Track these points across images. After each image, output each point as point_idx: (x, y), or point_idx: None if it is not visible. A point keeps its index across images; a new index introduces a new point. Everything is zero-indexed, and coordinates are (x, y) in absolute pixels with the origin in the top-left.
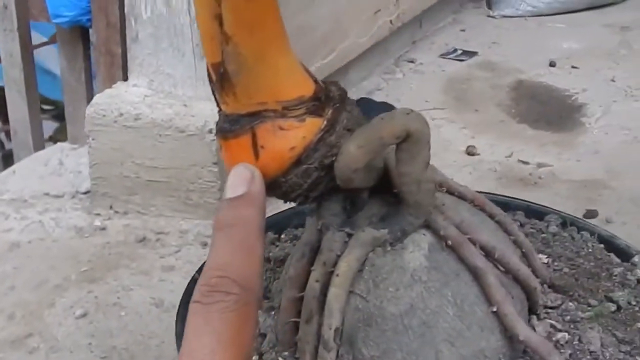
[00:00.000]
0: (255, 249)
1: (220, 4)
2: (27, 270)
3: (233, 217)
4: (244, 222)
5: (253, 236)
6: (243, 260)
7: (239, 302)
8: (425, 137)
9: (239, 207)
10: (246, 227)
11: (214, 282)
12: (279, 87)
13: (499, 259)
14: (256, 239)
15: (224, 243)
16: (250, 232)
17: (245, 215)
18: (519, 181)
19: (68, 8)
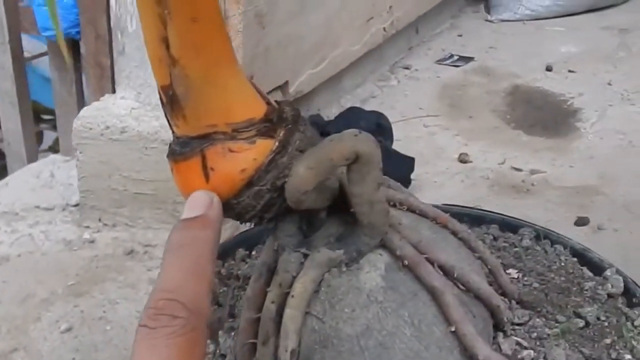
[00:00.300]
0: (206, 271)
1: (166, 27)
2: (15, 284)
3: (185, 237)
4: (196, 244)
5: (204, 259)
6: (193, 283)
7: (186, 326)
8: (374, 158)
9: (193, 229)
10: (198, 249)
11: (162, 304)
12: (228, 109)
13: (458, 278)
14: (207, 262)
15: (174, 264)
16: (202, 254)
17: (197, 237)
18: (511, 188)
19: None
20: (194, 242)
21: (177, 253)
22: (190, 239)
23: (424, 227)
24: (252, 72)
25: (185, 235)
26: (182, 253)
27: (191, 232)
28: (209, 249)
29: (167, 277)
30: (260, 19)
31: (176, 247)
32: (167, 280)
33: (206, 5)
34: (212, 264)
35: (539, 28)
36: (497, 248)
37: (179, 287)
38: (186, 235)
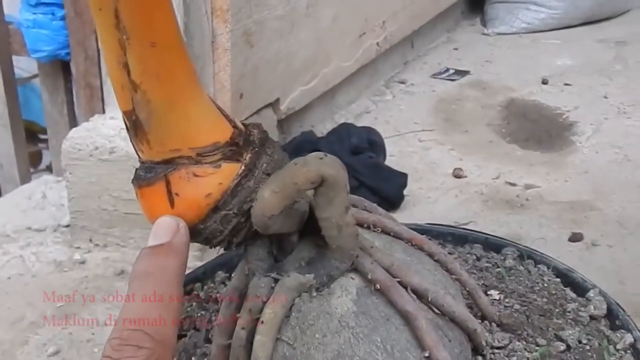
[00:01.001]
0: (172, 300)
1: (125, 53)
2: (4, 307)
3: (150, 266)
4: (161, 272)
5: (170, 287)
6: (157, 312)
7: (151, 357)
8: (340, 181)
9: (158, 256)
10: (163, 277)
11: (126, 335)
12: (192, 133)
13: (432, 302)
14: (173, 290)
15: (138, 293)
16: (167, 282)
17: (162, 265)
18: (505, 203)
19: (46, 43)
20: (160, 270)
21: (141, 282)
22: (155, 267)
23: (397, 249)
24: (241, 91)
25: (150, 263)
26: (147, 282)
27: (156, 260)
28: (175, 276)
29: (131, 307)
30: (249, 37)
31: (141, 276)
32: (132, 310)
33: (165, 30)
34: (178, 291)
35: (535, 41)
36: (479, 268)
37: (143, 317)
38: (151, 263)
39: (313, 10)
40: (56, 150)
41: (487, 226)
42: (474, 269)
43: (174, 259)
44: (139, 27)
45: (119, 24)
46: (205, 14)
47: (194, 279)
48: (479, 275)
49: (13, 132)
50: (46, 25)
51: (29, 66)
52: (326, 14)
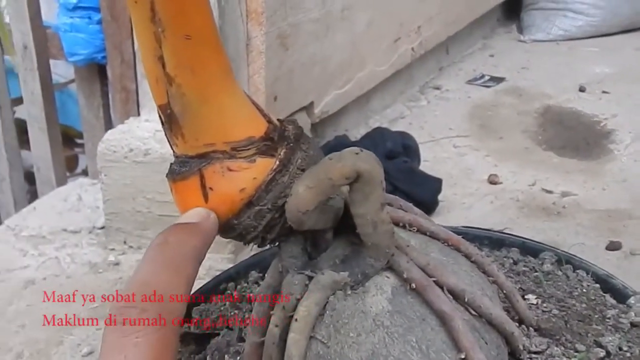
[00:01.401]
0: (184, 269)
1: (161, 46)
2: (40, 308)
3: (170, 236)
4: (179, 244)
5: (185, 259)
6: (167, 278)
7: (156, 324)
8: (376, 177)
9: (181, 232)
10: (180, 249)
11: (132, 296)
12: (226, 127)
13: (469, 303)
14: (188, 263)
15: (151, 260)
16: (184, 255)
17: (183, 239)
18: (542, 211)
19: (83, 46)
20: (178, 242)
21: (156, 249)
22: (175, 239)
23: (434, 249)
24: (275, 94)
25: (171, 235)
26: (164, 249)
27: (178, 234)
28: (192, 252)
29: (141, 272)
30: (283, 40)
31: (159, 244)
32: (142, 272)
33: (200, 23)
34: (192, 265)
35: (572, 48)
36: (516, 272)
37: (152, 281)
38: (172, 235)
39: (348, 13)
40: (92, 153)
41: (523, 233)
42: (511, 272)
43: (197, 238)
44: (174, 20)
45: (154, 17)
46: (240, 17)
47: (227, 279)
48: (516, 279)
49: (50, 135)
50: (83, 29)
51: (66, 72)
52: (361, 18)
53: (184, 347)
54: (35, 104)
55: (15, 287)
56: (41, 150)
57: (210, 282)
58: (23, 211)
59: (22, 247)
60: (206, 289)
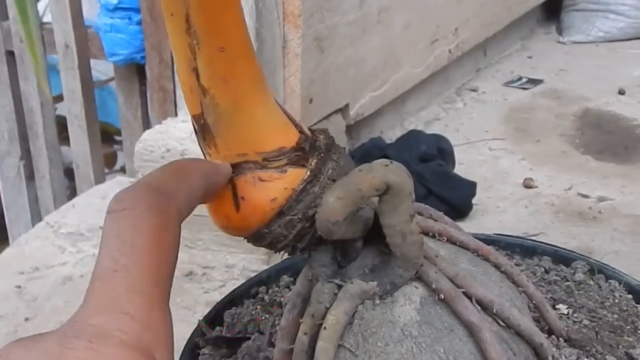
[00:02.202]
0: (189, 179)
1: (195, 57)
2: (77, 304)
3: (183, 159)
4: (189, 160)
5: (191, 173)
6: (170, 175)
7: (153, 209)
8: (405, 189)
9: (194, 160)
10: (190, 162)
11: (132, 188)
12: (259, 138)
13: (498, 314)
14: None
15: (157, 169)
16: (190, 169)
17: (194, 163)
18: (578, 215)
19: (123, 46)
20: (190, 163)
21: (169, 163)
22: (188, 161)
23: (463, 259)
24: (311, 96)
25: (185, 159)
26: (173, 162)
27: (191, 160)
28: (201, 172)
29: (146, 175)
30: (320, 42)
31: (174, 162)
32: (146, 175)
33: (234, 35)
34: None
35: (612, 50)
36: (548, 281)
37: (153, 177)
38: (187, 160)
39: (385, 16)
40: (129, 152)
41: (558, 238)
42: (542, 281)
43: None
44: (209, 32)
45: (189, 29)
46: (277, 19)
47: (258, 282)
48: (547, 289)
49: (89, 133)
50: (123, 29)
51: (107, 69)
52: (398, 21)
53: (215, 351)
54: (76, 103)
55: (53, 283)
56: (80, 147)
57: (242, 286)
58: (62, 208)
59: (60, 244)
60: (238, 293)
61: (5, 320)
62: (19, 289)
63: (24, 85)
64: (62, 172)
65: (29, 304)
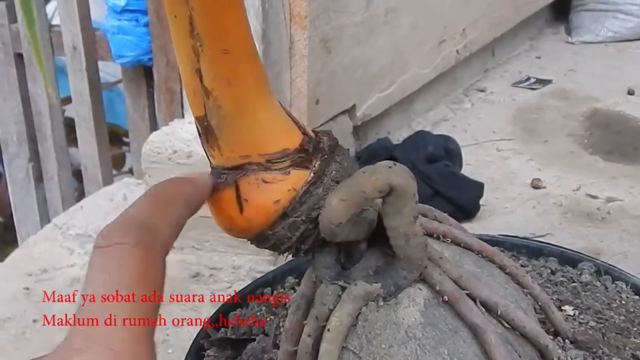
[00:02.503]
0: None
1: (199, 59)
2: None
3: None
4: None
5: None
6: (154, 206)
7: (139, 245)
8: (409, 190)
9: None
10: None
11: (118, 222)
12: (262, 140)
13: (502, 315)
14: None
15: (140, 200)
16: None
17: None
18: (586, 216)
19: (130, 48)
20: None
21: (149, 190)
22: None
23: (467, 261)
24: (318, 97)
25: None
26: (155, 189)
27: (172, 182)
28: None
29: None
30: (326, 43)
31: (152, 187)
32: (130, 208)
33: (237, 37)
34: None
35: (622, 51)
36: (554, 283)
37: (138, 211)
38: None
39: (392, 17)
40: (137, 153)
41: (566, 239)
42: (548, 283)
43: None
44: (212, 35)
45: (193, 31)
46: (284, 21)
47: (264, 283)
48: (553, 290)
49: (97, 135)
50: (130, 31)
51: (115, 71)
52: (405, 21)
53: (220, 352)
54: (84, 105)
55: (61, 285)
56: (88, 149)
57: (247, 287)
58: (70, 210)
59: (68, 245)
60: (243, 294)
61: (14, 322)
62: (27, 290)
63: (32, 87)
64: (70, 174)
65: (36, 305)
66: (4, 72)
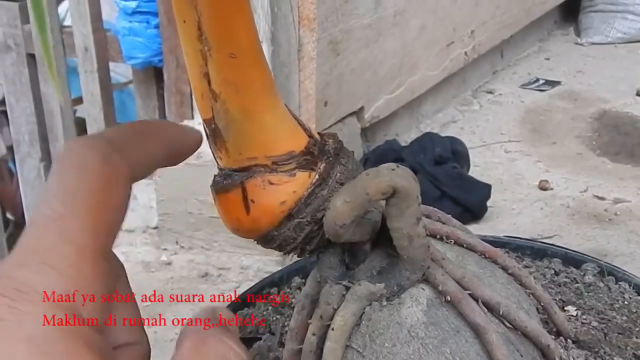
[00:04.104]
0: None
1: (207, 63)
2: None
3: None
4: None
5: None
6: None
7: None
8: (412, 192)
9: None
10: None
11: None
12: (268, 142)
13: (504, 315)
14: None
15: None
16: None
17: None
18: (593, 218)
19: (141, 50)
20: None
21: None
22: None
23: (470, 261)
24: (326, 99)
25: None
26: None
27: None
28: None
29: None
30: (335, 45)
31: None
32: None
33: (244, 42)
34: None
35: (632, 52)
36: (557, 283)
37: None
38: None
39: (400, 19)
40: None
41: (573, 240)
42: (551, 283)
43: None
44: (220, 39)
45: (201, 36)
46: (292, 23)
47: (270, 283)
48: (556, 290)
49: None
50: (141, 33)
51: (126, 72)
52: (413, 23)
53: None
54: (95, 105)
55: None
56: None
57: (254, 287)
58: None
59: None
60: (250, 293)
61: None
62: None
63: (44, 87)
64: None
65: None
66: (17, 72)
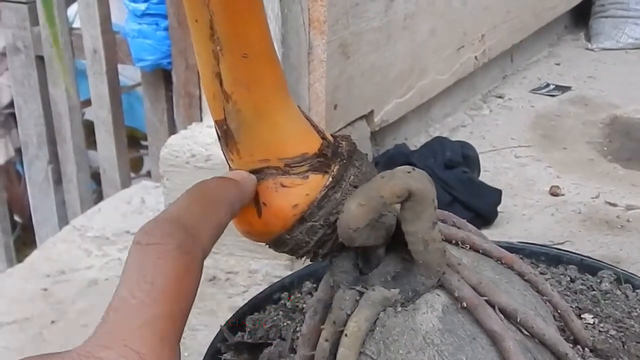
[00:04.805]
0: (215, 211)
1: (219, 63)
2: (102, 308)
3: (207, 183)
4: (216, 185)
5: (217, 202)
6: (198, 211)
7: (180, 248)
8: (428, 196)
9: (218, 181)
10: (217, 190)
11: (160, 222)
12: (281, 144)
13: (522, 323)
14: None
15: (183, 199)
16: (217, 198)
17: (219, 186)
18: (605, 224)
19: (150, 52)
20: (216, 187)
21: (193, 190)
22: (213, 184)
23: (486, 267)
24: (336, 102)
25: (210, 182)
26: (199, 188)
27: (216, 182)
28: (226, 201)
29: (174, 206)
30: (345, 48)
31: (196, 187)
32: (173, 207)
33: (257, 42)
34: (225, 212)
35: None
36: (573, 291)
37: (182, 212)
38: (211, 182)
39: (411, 22)
40: (155, 157)
41: (585, 247)
42: (567, 291)
43: (233, 190)
44: (232, 39)
45: (213, 36)
46: (303, 26)
47: (281, 288)
48: (572, 298)
49: (116, 138)
50: (150, 35)
51: (134, 75)
52: (424, 27)
53: (237, 356)
54: (103, 107)
55: (79, 286)
56: (107, 152)
57: (264, 292)
58: (88, 212)
59: (86, 247)
60: (260, 298)
61: (31, 323)
62: (45, 291)
63: (52, 90)
64: (89, 176)
65: (54, 306)
66: (25, 74)
